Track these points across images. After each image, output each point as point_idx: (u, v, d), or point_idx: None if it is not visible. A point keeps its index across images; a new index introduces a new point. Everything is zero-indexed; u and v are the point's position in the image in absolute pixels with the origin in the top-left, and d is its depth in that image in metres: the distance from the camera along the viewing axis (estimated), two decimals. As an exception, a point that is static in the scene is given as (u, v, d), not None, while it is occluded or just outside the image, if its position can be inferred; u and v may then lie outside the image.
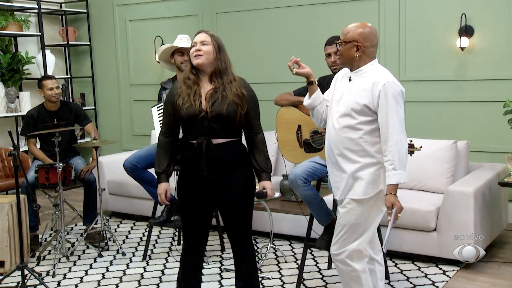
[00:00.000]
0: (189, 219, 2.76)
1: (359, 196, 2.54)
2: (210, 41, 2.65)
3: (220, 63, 2.65)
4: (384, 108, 2.45)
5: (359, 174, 2.53)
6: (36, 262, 4.01)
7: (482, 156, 4.44)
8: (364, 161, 2.52)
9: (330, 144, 2.62)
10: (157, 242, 4.41)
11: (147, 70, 6.23)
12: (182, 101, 2.62)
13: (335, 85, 2.72)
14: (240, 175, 2.71)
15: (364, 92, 2.51)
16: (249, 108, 2.68)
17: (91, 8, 6.58)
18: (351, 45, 2.54)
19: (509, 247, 3.98)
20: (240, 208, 2.74)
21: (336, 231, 2.64)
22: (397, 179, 2.43)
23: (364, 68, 2.56)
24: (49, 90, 4.39)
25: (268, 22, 5.37)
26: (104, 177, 4.98)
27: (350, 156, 2.54)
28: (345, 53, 2.56)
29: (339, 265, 2.66)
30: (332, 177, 2.67)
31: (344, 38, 2.55)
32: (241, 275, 2.86)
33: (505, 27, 4.31)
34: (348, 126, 2.53)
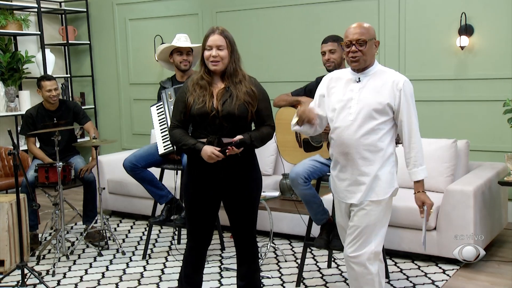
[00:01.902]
0: (195, 218, 2.76)
1: (381, 197, 2.53)
2: (225, 45, 2.63)
3: (232, 64, 2.66)
4: (405, 106, 2.50)
5: (379, 175, 2.53)
6: (36, 261, 4.01)
7: (482, 155, 4.44)
8: (383, 162, 2.53)
9: (346, 149, 2.54)
10: (157, 241, 4.41)
11: (147, 69, 6.23)
12: (194, 99, 2.63)
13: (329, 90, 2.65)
14: (248, 174, 2.73)
15: (384, 90, 2.50)
16: (260, 106, 2.69)
17: (91, 7, 6.58)
18: (372, 43, 2.54)
19: (509, 246, 3.98)
20: (247, 206, 2.76)
21: (353, 233, 2.57)
22: (424, 174, 2.54)
23: (374, 68, 2.57)
24: (47, 91, 4.39)
25: (268, 21, 5.37)
26: (103, 176, 4.98)
27: (370, 157, 2.51)
28: (370, 52, 2.53)
29: (356, 268, 2.58)
30: (344, 182, 2.60)
31: (366, 37, 2.51)
32: (243, 274, 2.87)
33: (505, 26, 4.31)
34: (368, 128, 2.50)
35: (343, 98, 2.58)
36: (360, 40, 2.51)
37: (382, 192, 2.54)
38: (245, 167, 2.72)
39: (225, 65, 2.65)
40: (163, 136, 3.82)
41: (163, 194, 3.98)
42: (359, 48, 2.51)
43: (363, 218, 2.55)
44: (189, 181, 2.76)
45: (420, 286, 3.37)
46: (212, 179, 2.69)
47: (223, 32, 2.66)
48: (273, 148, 4.74)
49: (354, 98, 2.54)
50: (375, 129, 2.50)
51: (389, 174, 2.54)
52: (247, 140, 2.63)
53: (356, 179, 2.56)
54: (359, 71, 2.57)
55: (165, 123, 3.78)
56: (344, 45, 2.57)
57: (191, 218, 2.78)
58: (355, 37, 2.52)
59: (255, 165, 2.78)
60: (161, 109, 3.83)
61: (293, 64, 5.27)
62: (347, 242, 2.63)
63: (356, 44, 2.51)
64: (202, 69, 2.68)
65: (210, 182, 2.70)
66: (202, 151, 2.59)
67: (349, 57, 2.55)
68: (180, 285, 2.89)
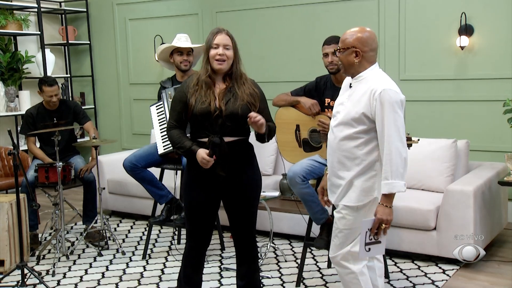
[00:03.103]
0: (194, 218, 2.76)
1: (353, 203, 2.52)
2: (231, 45, 2.67)
3: (236, 64, 2.69)
4: (380, 117, 2.39)
5: (354, 182, 2.51)
6: (36, 261, 4.01)
7: (482, 155, 4.44)
8: (359, 170, 2.49)
9: (329, 151, 2.60)
10: (157, 241, 4.41)
11: (147, 69, 6.23)
12: (196, 99, 2.64)
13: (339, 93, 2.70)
14: (248, 174, 2.74)
15: (362, 100, 2.46)
16: (261, 107, 2.72)
17: (91, 7, 6.58)
18: (349, 51, 2.49)
19: (508, 246, 3.98)
20: (247, 206, 2.77)
21: (333, 234, 2.64)
22: (388, 189, 2.37)
23: (364, 74, 2.51)
24: (48, 96, 4.39)
25: (268, 21, 5.37)
26: (103, 176, 4.98)
27: (347, 163, 2.51)
28: (345, 60, 2.52)
29: (337, 268, 2.66)
30: (329, 180, 2.66)
31: (342, 45, 2.51)
32: (242, 274, 2.88)
33: (505, 26, 4.31)
34: (346, 135, 2.49)
35: (337, 103, 2.62)
36: (339, 47, 2.54)
37: (355, 199, 2.51)
38: (244, 167, 2.73)
39: (229, 65, 2.67)
40: (163, 136, 3.82)
41: (163, 194, 3.98)
42: (337, 54, 2.57)
43: (339, 221, 2.58)
44: (188, 181, 2.76)
45: (420, 286, 3.37)
46: (212, 179, 2.69)
47: (228, 32, 2.71)
48: (273, 148, 4.74)
49: (344, 103, 2.56)
50: (353, 137, 2.48)
51: (366, 183, 2.49)
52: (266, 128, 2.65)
53: (334, 181, 2.59)
54: (352, 77, 2.56)
55: (165, 122, 3.78)
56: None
57: (191, 218, 2.78)
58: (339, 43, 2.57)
59: (254, 165, 2.79)
60: (161, 108, 3.83)
61: (293, 64, 5.27)
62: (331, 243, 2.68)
63: (336, 50, 2.58)
64: (208, 68, 2.68)
65: (209, 182, 2.70)
66: (197, 154, 2.61)
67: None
68: (179, 285, 2.89)
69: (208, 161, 2.58)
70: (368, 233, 2.43)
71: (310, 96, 3.49)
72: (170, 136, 2.74)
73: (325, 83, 3.47)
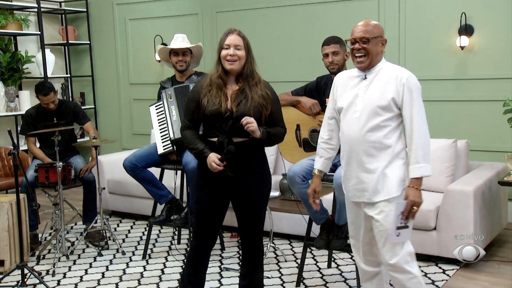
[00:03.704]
0: (201, 217, 2.78)
1: (393, 194, 2.47)
2: (243, 45, 2.66)
3: (248, 66, 2.68)
4: (409, 101, 2.44)
5: (387, 172, 2.47)
6: (36, 261, 4.01)
7: (482, 155, 4.44)
8: (390, 159, 2.47)
9: (352, 146, 2.53)
10: (157, 241, 4.41)
11: (147, 69, 6.23)
12: (208, 100, 2.65)
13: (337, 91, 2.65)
14: (257, 174, 2.75)
15: (389, 86, 2.47)
16: (273, 110, 2.72)
17: (91, 7, 6.58)
18: (377, 41, 2.50)
19: (509, 246, 3.98)
20: (255, 206, 2.78)
21: (382, 238, 2.50)
22: (421, 172, 2.43)
23: (380, 65, 2.54)
24: (44, 104, 4.39)
25: (268, 21, 5.37)
26: (103, 176, 4.98)
27: (376, 154, 2.47)
28: (374, 50, 2.49)
29: (397, 276, 2.51)
30: (351, 180, 2.57)
31: (370, 34, 2.48)
32: (246, 273, 2.89)
33: (505, 26, 4.31)
34: (373, 125, 2.47)
35: (350, 96, 2.57)
36: (364, 38, 2.49)
37: (393, 189, 2.47)
38: (254, 168, 2.73)
39: (242, 66, 2.67)
40: (162, 136, 3.82)
41: (163, 194, 3.98)
42: (363, 45, 2.49)
43: (384, 220, 2.48)
44: (198, 180, 2.79)
45: (420, 286, 3.36)
46: (220, 179, 2.70)
47: (240, 33, 2.70)
48: (273, 148, 4.73)
49: (360, 95, 2.52)
50: (381, 125, 2.46)
51: (398, 171, 2.48)
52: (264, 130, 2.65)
53: (362, 177, 2.52)
54: (365, 69, 2.54)
55: (165, 123, 3.78)
56: (350, 43, 2.55)
57: (198, 216, 2.79)
58: (359, 35, 2.50)
59: (264, 166, 2.80)
60: (160, 108, 3.83)
61: (293, 64, 5.27)
62: (381, 250, 2.53)
63: (360, 42, 2.49)
64: (219, 68, 2.68)
65: (218, 183, 2.72)
66: (208, 157, 2.63)
67: (353, 56, 2.53)
68: (181, 284, 2.89)
69: (218, 166, 2.60)
70: (400, 216, 2.43)
71: (311, 96, 3.49)
72: (184, 136, 2.77)
73: (326, 83, 3.47)
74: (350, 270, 3.64)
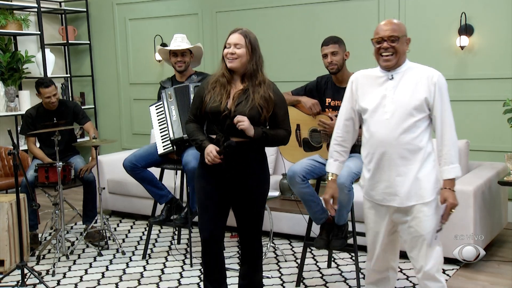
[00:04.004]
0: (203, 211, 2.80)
1: (427, 199, 2.42)
2: (244, 44, 2.67)
3: (251, 65, 2.69)
4: (439, 101, 2.42)
5: (420, 175, 2.42)
6: (36, 261, 4.01)
7: (482, 155, 4.43)
8: (422, 161, 2.42)
9: (384, 149, 2.43)
10: (157, 241, 4.41)
11: (147, 69, 6.23)
12: (211, 97, 2.68)
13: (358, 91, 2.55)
14: (256, 175, 2.76)
15: (420, 85, 2.42)
16: (276, 111, 2.72)
17: (91, 7, 6.58)
18: (404, 39, 2.46)
19: (508, 246, 3.98)
20: (254, 207, 2.79)
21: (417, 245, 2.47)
22: (456, 172, 2.40)
23: (406, 64, 2.49)
24: (46, 98, 4.38)
25: (267, 21, 5.37)
26: (103, 176, 4.98)
27: (409, 157, 2.41)
28: (401, 49, 2.44)
29: (429, 284, 2.47)
30: (381, 184, 2.49)
31: (398, 33, 2.43)
32: (246, 273, 2.90)
33: (505, 26, 4.31)
34: (407, 127, 2.40)
35: (376, 97, 2.48)
36: (393, 37, 2.42)
37: (428, 193, 2.42)
38: (252, 168, 2.74)
39: (243, 64, 2.68)
40: (162, 136, 3.82)
41: (163, 194, 3.98)
42: (391, 44, 2.43)
43: (420, 225, 2.43)
44: (199, 174, 2.81)
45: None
46: (218, 174, 2.72)
47: (244, 32, 2.71)
48: (273, 148, 4.73)
49: (388, 96, 2.45)
50: (413, 127, 2.40)
51: (431, 174, 2.43)
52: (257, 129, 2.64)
53: (394, 180, 2.44)
54: (391, 68, 2.48)
55: (165, 123, 3.78)
56: (375, 42, 2.47)
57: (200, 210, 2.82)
58: (386, 33, 2.43)
59: (263, 166, 2.80)
60: (160, 108, 3.83)
61: (293, 64, 5.27)
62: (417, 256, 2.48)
63: (388, 41, 2.43)
64: (223, 66, 2.72)
65: (217, 178, 2.73)
66: (206, 148, 2.65)
67: (379, 55, 2.46)
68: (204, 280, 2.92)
69: (214, 157, 2.61)
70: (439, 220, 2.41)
71: (311, 96, 3.48)
72: (187, 128, 2.83)
73: (326, 82, 3.47)
74: (350, 270, 3.64)
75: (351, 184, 3.13)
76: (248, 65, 2.69)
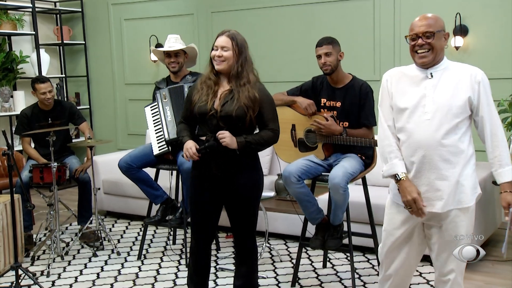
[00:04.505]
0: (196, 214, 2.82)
1: (466, 204, 2.31)
2: (231, 46, 2.68)
3: (236, 67, 2.70)
4: (485, 100, 2.30)
5: (460, 180, 2.30)
6: (31, 262, 3.99)
7: (477, 155, 4.37)
8: (464, 164, 2.31)
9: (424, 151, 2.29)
10: (152, 242, 4.40)
11: (142, 69, 6.22)
12: (199, 98, 2.72)
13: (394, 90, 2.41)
14: (247, 174, 2.77)
15: (462, 84, 2.29)
16: (263, 111, 2.73)
17: (86, 7, 6.56)
18: (440, 35, 2.32)
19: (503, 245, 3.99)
20: (246, 206, 2.80)
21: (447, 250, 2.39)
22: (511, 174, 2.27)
23: (445, 62, 2.36)
24: (42, 94, 4.38)
25: (264, 22, 5.37)
26: (99, 176, 4.96)
27: (452, 160, 2.28)
28: (438, 44, 2.31)
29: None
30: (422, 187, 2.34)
31: (433, 28, 2.29)
32: (241, 274, 2.90)
33: (499, 27, 4.32)
34: (449, 128, 2.28)
35: (414, 96, 2.34)
36: (428, 33, 2.29)
37: (467, 198, 2.31)
38: (243, 168, 2.75)
39: (230, 66, 2.70)
40: (158, 136, 3.81)
41: (158, 194, 3.98)
42: (427, 40, 2.30)
43: (455, 230, 2.34)
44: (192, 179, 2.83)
45: (415, 286, 3.37)
46: (209, 179, 2.74)
47: (231, 34, 2.71)
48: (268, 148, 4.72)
49: (428, 95, 2.31)
50: (455, 128, 2.28)
51: (471, 178, 2.32)
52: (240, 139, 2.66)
53: (434, 184, 2.31)
54: (428, 66, 2.35)
55: (160, 123, 3.78)
56: (409, 39, 2.35)
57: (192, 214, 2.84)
58: (421, 29, 2.30)
59: (255, 166, 2.81)
60: (155, 109, 3.82)
61: (290, 64, 5.27)
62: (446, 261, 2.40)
63: (423, 37, 2.30)
64: (210, 68, 2.76)
65: (208, 182, 2.75)
66: (186, 143, 2.69)
67: (415, 52, 2.33)
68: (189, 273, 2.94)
69: (193, 154, 2.63)
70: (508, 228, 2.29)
71: (306, 96, 3.49)
72: (177, 129, 2.89)
73: (321, 83, 3.47)
74: (345, 270, 3.64)
75: (347, 184, 3.14)
76: (233, 66, 2.70)
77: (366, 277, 3.53)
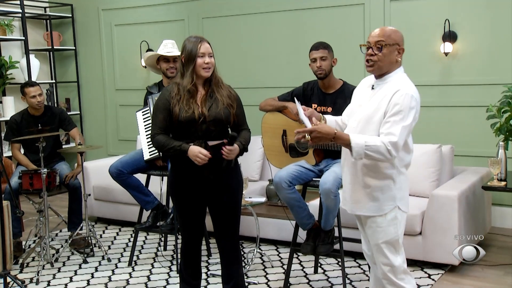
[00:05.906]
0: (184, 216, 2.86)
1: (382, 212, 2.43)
2: (212, 51, 2.76)
3: (215, 70, 2.79)
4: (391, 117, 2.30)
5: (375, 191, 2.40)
6: (19, 269, 3.96)
7: (466, 160, 4.48)
8: (384, 174, 2.39)
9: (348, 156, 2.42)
10: (143, 248, 4.38)
11: (132, 75, 6.21)
12: (180, 108, 2.69)
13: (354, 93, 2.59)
14: (230, 176, 2.81)
15: (385, 101, 2.33)
16: (238, 110, 2.81)
17: (76, 13, 6.54)
18: (393, 48, 2.36)
19: (492, 250, 4.02)
20: (230, 208, 2.83)
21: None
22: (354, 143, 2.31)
23: (391, 76, 2.40)
24: (32, 98, 4.36)
25: (254, 27, 5.39)
26: (89, 182, 4.94)
27: (372, 168, 2.38)
28: (387, 57, 2.35)
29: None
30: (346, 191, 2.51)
31: (387, 40, 2.34)
32: (228, 277, 2.93)
33: (488, 33, 4.37)
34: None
35: (356, 103, 2.51)
36: (379, 43, 2.35)
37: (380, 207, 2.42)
38: (229, 170, 2.78)
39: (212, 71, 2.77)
40: (149, 142, 3.80)
41: (149, 200, 3.96)
42: (375, 52, 2.36)
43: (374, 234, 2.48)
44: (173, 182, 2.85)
45: None
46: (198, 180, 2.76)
47: (206, 40, 2.78)
48: (259, 153, 4.74)
49: (362, 104, 2.44)
50: None
51: (388, 189, 2.40)
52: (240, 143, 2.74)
53: (357, 189, 2.45)
54: (378, 77, 2.42)
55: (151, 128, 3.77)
56: (364, 48, 2.41)
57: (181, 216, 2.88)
58: (374, 39, 2.37)
59: (237, 167, 2.86)
60: (147, 114, 3.82)
61: (279, 70, 5.29)
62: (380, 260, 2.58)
63: (374, 47, 2.36)
64: (193, 76, 2.72)
65: (195, 184, 2.77)
66: (189, 151, 2.66)
67: (366, 61, 2.40)
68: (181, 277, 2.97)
69: (205, 156, 2.63)
70: None
71: (297, 102, 3.49)
72: (156, 141, 2.75)
73: (312, 88, 3.49)
74: (337, 275, 3.64)
75: (337, 190, 3.15)
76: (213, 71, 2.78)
77: (357, 283, 3.53)
